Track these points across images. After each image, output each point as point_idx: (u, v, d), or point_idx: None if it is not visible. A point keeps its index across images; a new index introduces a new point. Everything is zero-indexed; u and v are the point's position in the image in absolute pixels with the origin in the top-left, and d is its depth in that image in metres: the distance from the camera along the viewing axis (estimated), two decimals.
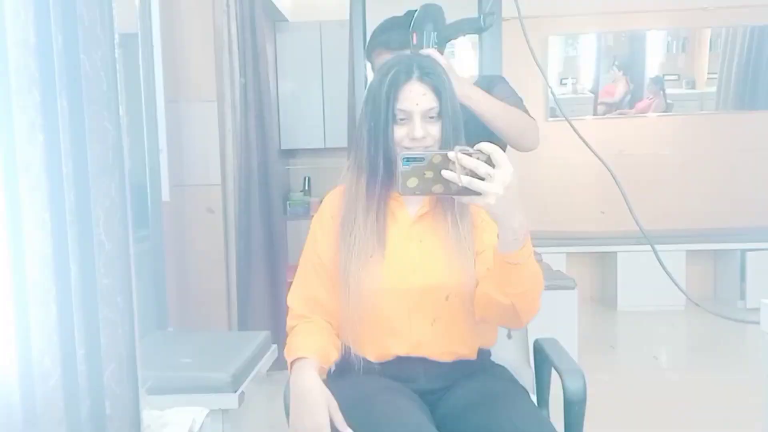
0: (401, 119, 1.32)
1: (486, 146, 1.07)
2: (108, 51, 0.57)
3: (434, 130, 1.33)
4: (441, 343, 1.38)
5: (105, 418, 0.61)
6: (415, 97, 1.31)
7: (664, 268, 1.70)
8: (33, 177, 0.57)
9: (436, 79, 1.33)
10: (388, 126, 1.32)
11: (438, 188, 1.09)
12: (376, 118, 1.33)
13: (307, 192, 4.57)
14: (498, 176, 1.05)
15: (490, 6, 1.68)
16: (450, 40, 1.75)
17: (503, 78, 2.00)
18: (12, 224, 0.56)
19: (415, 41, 1.64)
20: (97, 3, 0.56)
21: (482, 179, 1.06)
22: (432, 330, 1.37)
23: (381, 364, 1.40)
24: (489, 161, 1.06)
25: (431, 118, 1.33)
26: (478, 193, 1.06)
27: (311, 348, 1.35)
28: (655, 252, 1.63)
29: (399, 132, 1.32)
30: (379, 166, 1.34)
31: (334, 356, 1.42)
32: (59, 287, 0.59)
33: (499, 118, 1.70)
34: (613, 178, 1.63)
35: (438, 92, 1.32)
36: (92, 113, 0.57)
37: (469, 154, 1.06)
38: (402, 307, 1.37)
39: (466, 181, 1.06)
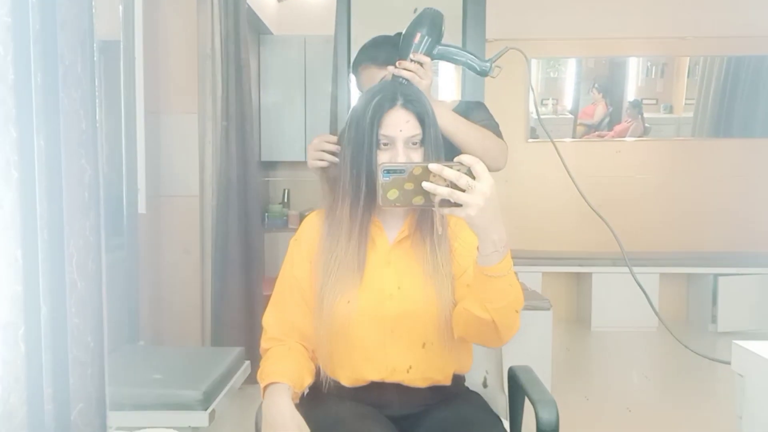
0: (384, 144, 1.33)
1: (467, 158, 1.08)
2: (88, 90, 0.56)
3: (416, 156, 1.34)
4: (417, 373, 1.39)
5: None
6: (399, 123, 1.32)
7: (643, 290, 1.71)
8: (6, 214, 0.56)
9: (419, 107, 1.34)
10: (372, 151, 1.32)
11: (418, 200, 1.09)
12: (359, 143, 1.33)
13: (286, 204, 4.56)
14: (479, 188, 1.06)
15: (497, 56, 1.68)
16: (442, 59, 1.76)
17: (482, 104, 2.04)
18: None
19: (416, 40, 1.65)
20: (78, 42, 0.55)
21: (463, 191, 1.06)
22: (407, 374, 1.37)
23: (355, 389, 1.40)
24: (469, 173, 1.07)
25: (414, 144, 1.34)
26: (458, 205, 1.07)
27: (285, 373, 1.35)
28: (633, 274, 1.65)
29: (382, 157, 1.33)
30: (362, 191, 1.34)
31: (308, 381, 1.41)
32: (29, 326, 0.58)
33: (471, 139, 1.73)
34: (587, 203, 1.65)
35: (421, 120, 1.34)
36: (69, 152, 0.56)
37: (450, 166, 1.07)
38: (378, 333, 1.37)
39: (446, 192, 1.06)
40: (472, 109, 1.97)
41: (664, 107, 5.17)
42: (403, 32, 1.68)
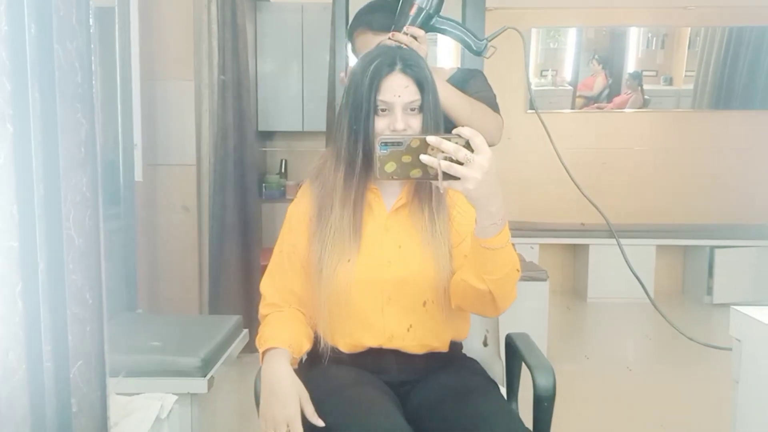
0: (382, 110, 1.31)
1: (465, 131, 1.06)
2: (83, 42, 0.55)
3: (415, 123, 1.32)
4: (414, 338, 1.39)
5: (71, 416, 0.60)
6: (397, 89, 1.30)
7: (629, 266, 1.71)
8: (1, 168, 0.55)
9: (418, 72, 1.32)
10: (369, 117, 1.31)
11: (416, 173, 1.08)
12: (357, 109, 1.32)
13: (283, 175, 4.54)
14: (477, 161, 1.05)
15: (493, 36, 1.65)
16: (437, 32, 1.74)
17: (481, 72, 2.01)
18: None
19: (412, 12, 1.62)
20: None
21: (461, 164, 1.05)
22: (407, 333, 1.37)
23: (353, 355, 1.40)
24: (468, 146, 1.06)
25: (412, 110, 1.32)
26: (456, 178, 1.06)
27: (283, 338, 1.35)
28: (621, 248, 1.64)
29: (380, 123, 1.31)
30: (358, 156, 1.33)
31: (306, 347, 1.41)
32: (26, 282, 0.57)
33: (461, 110, 1.71)
34: (570, 177, 1.64)
35: (420, 85, 1.32)
36: (65, 106, 0.55)
37: (448, 139, 1.05)
38: (376, 300, 1.37)
39: (445, 165, 1.05)
40: (469, 79, 1.94)
41: (664, 79, 5.13)
42: (401, 1, 1.66)
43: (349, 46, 2.00)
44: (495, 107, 1.84)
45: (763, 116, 4.99)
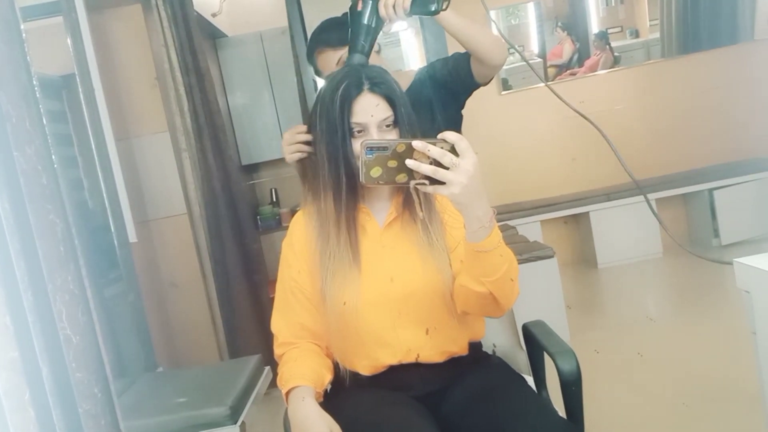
0: (358, 131, 1.32)
1: (450, 135, 1.06)
2: (42, 143, 0.55)
3: (392, 137, 1.33)
4: (431, 346, 1.39)
5: None
6: (369, 108, 1.31)
7: (655, 214, 1.68)
8: None
9: (386, 88, 1.32)
10: (346, 140, 1.31)
11: (402, 178, 1.07)
12: (332, 135, 1.32)
13: (275, 203, 4.54)
14: (462, 165, 1.05)
15: None
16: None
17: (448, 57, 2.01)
18: None
19: (359, 7, 1.62)
20: (23, 99, 0.54)
21: (447, 168, 1.05)
22: (427, 337, 1.37)
23: (375, 376, 1.40)
24: (453, 150, 1.06)
25: (387, 126, 1.33)
26: (442, 183, 1.06)
27: (304, 375, 1.35)
28: (648, 200, 1.62)
29: (357, 145, 1.31)
30: (342, 182, 1.33)
31: (328, 377, 1.41)
32: (33, 389, 0.57)
33: (470, 36, 1.71)
34: (603, 135, 1.61)
35: (391, 101, 1.32)
36: (36, 209, 0.55)
37: (434, 143, 1.05)
38: (386, 318, 1.36)
39: (430, 170, 1.05)
40: (434, 65, 1.96)
41: (630, 32, 5.14)
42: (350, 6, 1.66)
43: (311, 69, 2.00)
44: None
45: (733, 51, 4.99)
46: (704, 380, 2.70)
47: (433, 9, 1.64)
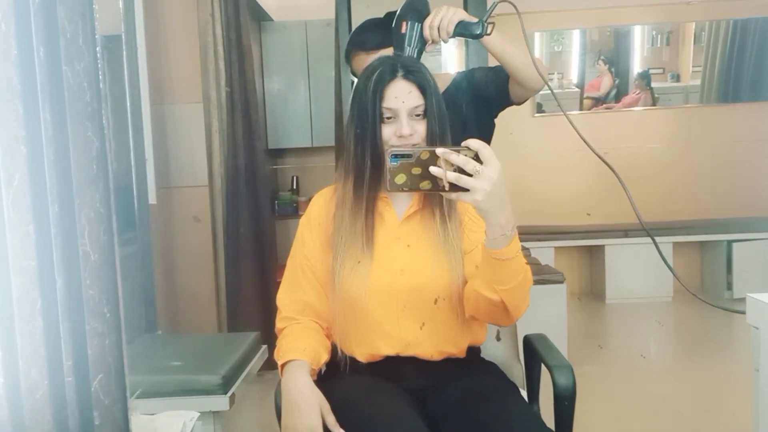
0: (388, 118, 1.33)
1: (474, 143, 1.07)
2: (91, 62, 0.56)
3: (420, 128, 1.34)
4: (431, 344, 1.39)
5: (94, 429, 0.61)
6: (401, 94, 1.32)
7: (664, 260, 1.68)
8: (16, 190, 0.56)
9: (420, 77, 1.34)
10: (376, 125, 1.32)
11: (426, 185, 1.09)
12: (362, 119, 1.33)
13: (295, 191, 4.57)
14: (486, 173, 1.05)
15: (489, 13, 1.66)
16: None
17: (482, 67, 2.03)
18: None
19: (403, 30, 1.64)
20: (79, 14, 0.55)
21: (470, 176, 1.06)
22: (421, 332, 1.37)
23: (371, 364, 1.41)
24: (476, 158, 1.06)
25: (417, 116, 1.34)
26: (466, 190, 1.07)
27: (301, 350, 1.36)
28: (656, 244, 1.62)
29: (386, 131, 1.32)
30: (367, 166, 1.34)
31: (325, 357, 1.42)
32: (45, 299, 0.59)
33: (511, 60, 1.73)
34: (615, 174, 1.62)
35: (423, 90, 1.33)
36: (76, 125, 0.57)
37: (457, 151, 1.06)
38: (391, 308, 1.37)
39: (453, 177, 1.06)
40: (472, 73, 1.97)
41: (671, 76, 5.12)
42: (392, 26, 1.68)
43: (349, 69, 2.02)
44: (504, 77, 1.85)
45: None
46: (693, 423, 2.68)
47: (477, 33, 1.66)
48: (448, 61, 3.94)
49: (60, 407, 0.59)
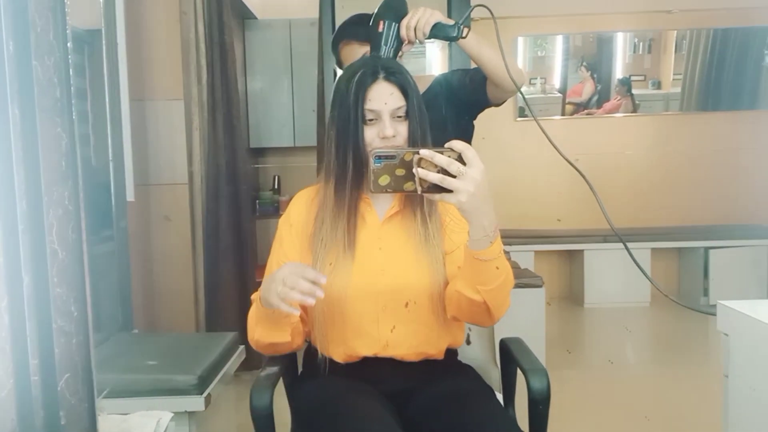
0: (370, 120, 1.33)
1: (457, 144, 1.08)
2: (61, 57, 0.56)
3: (403, 129, 1.34)
4: (409, 344, 1.39)
5: (59, 429, 0.60)
6: (383, 96, 1.32)
7: (637, 264, 1.70)
8: None
9: (401, 78, 1.34)
10: (358, 127, 1.32)
11: (409, 186, 1.09)
12: (344, 121, 1.33)
13: (276, 191, 4.55)
14: (469, 174, 1.06)
15: (465, 17, 1.67)
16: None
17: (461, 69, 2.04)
18: None
19: (380, 29, 1.64)
20: (50, 8, 0.55)
21: (454, 177, 1.06)
22: (392, 335, 1.37)
23: (348, 365, 1.40)
24: (460, 159, 1.07)
25: (399, 117, 1.34)
26: (449, 191, 1.07)
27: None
28: (627, 249, 1.63)
29: (369, 133, 1.33)
30: (349, 168, 1.34)
31: (297, 340, 1.40)
32: (12, 297, 0.58)
33: (488, 62, 1.74)
34: (585, 180, 1.63)
35: (404, 91, 1.34)
36: (45, 120, 0.56)
37: (441, 152, 1.06)
38: (370, 309, 1.37)
39: (437, 178, 1.06)
40: (453, 74, 1.98)
41: (652, 83, 5.18)
42: (370, 25, 1.68)
43: (334, 59, 2.02)
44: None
45: (751, 116, 5.03)
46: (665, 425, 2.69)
47: (453, 35, 1.67)
48: (433, 62, 3.94)
49: (25, 406, 0.58)
